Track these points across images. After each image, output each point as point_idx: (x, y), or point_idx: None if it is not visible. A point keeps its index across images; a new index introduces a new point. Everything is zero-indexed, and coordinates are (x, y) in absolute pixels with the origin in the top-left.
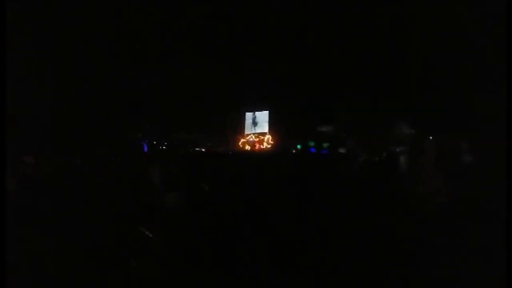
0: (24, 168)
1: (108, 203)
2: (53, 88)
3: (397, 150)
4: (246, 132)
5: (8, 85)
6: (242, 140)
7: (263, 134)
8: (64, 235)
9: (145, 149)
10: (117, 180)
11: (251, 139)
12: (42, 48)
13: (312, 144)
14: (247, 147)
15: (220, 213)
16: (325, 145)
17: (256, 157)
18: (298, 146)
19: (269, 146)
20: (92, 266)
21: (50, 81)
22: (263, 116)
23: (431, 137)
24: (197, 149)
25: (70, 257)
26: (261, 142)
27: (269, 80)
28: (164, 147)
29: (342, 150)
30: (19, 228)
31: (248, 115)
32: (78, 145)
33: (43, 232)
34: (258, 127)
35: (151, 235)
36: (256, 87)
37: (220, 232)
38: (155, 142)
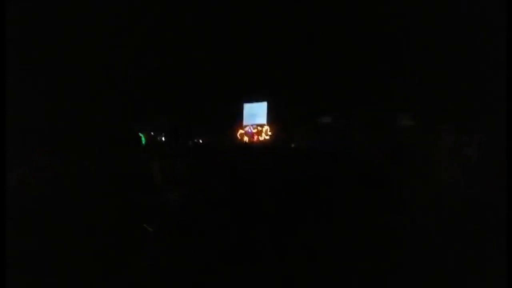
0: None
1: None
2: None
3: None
4: (244, 123)
5: (8, 85)
6: (241, 131)
7: (262, 125)
8: (63, 234)
9: (143, 141)
10: (113, 179)
11: (249, 131)
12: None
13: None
14: (245, 139)
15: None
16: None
17: (257, 149)
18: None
19: (267, 137)
20: (93, 267)
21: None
22: (261, 107)
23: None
24: (197, 141)
25: (70, 257)
26: (259, 133)
27: (269, 70)
28: (162, 138)
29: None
30: (19, 228)
31: (247, 106)
32: (70, 141)
33: (44, 232)
34: (256, 118)
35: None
36: (255, 78)
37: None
38: (152, 133)
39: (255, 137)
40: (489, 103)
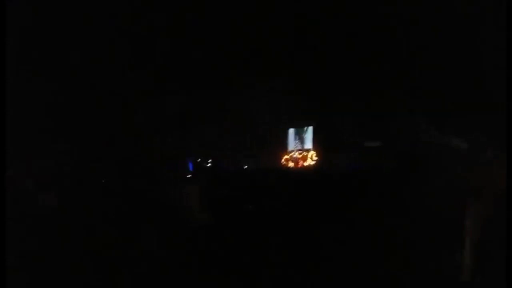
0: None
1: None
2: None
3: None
4: (290, 148)
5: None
6: (286, 157)
7: (307, 150)
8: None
9: (191, 167)
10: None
11: (294, 156)
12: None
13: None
14: (291, 164)
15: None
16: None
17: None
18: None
19: (313, 162)
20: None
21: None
22: (307, 132)
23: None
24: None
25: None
26: (304, 158)
27: (312, 94)
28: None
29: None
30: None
31: (291, 131)
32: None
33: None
34: (302, 143)
35: None
36: (299, 102)
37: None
38: (199, 160)
39: (300, 163)
40: None
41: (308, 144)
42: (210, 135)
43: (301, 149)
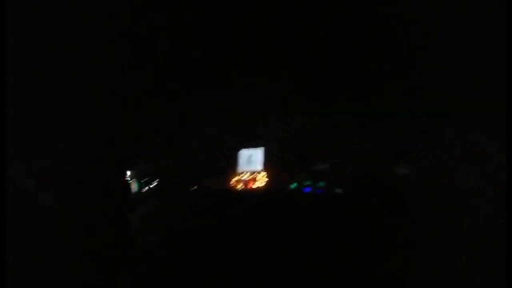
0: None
1: None
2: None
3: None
4: (240, 170)
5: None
6: (235, 178)
7: (257, 172)
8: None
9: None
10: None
11: (244, 178)
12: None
13: (307, 183)
14: (240, 186)
15: None
16: (321, 184)
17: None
18: (292, 186)
19: (263, 184)
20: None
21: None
22: (258, 154)
23: None
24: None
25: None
26: (254, 180)
27: (265, 117)
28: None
29: (338, 190)
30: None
31: (243, 152)
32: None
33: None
34: (252, 164)
35: None
36: (252, 124)
37: None
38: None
39: (250, 184)
40: None
41: (259, 166)
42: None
43: (252, 171)
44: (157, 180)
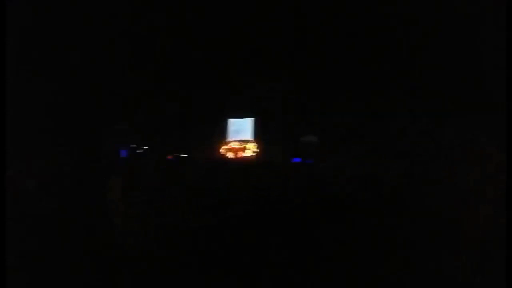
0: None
1: None
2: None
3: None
4: (229, 139)
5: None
6: (224, 147)
7: (246, 141)
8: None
9: (123, 154)
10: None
11: (233, 146)
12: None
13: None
14: (230, 155)
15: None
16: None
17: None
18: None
19: (254, 154)
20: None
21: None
22: (247, 124)
23: None
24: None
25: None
26: (243, 149)
27: (255, 86)
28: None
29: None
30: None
31: (231, 122)
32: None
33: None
34: (241, 134)
35: None
36: (242, 94)
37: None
38: (133, 146)
39: (240, 154)
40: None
41: (248, 135)
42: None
43: (240, 140)
44: (144, 147)
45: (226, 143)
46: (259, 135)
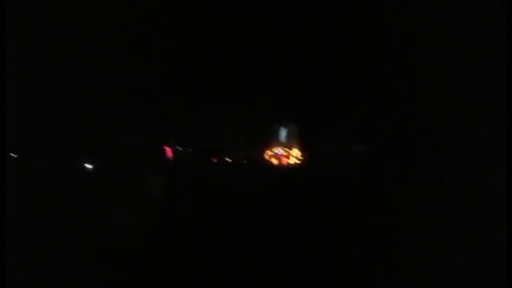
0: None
1: None
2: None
3: None
4: (273, 144)
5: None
6: (269, 152)
7: (290, 147)
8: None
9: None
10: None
11: (278, 153)
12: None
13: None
14: (274, 161)
15: None
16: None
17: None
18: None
19: (298, 162)
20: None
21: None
22: (292, 130)
23: None
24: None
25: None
26: (288, 156)
27: (299, 93)
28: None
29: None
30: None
31: (277, 128)
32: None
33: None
34: (286, 140)
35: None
36: (284, 99)
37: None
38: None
39: (284, 160)
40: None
41: (291, 141)
42: (196, 126)
43: (284, 146)
44: (191, 149)
45: (271, 149)
46: (304, 142)
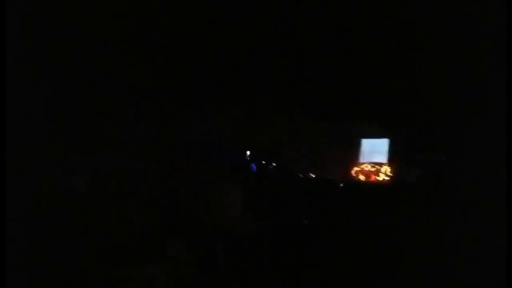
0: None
1: None
2: None
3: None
4: (361, 160)
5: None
6: (356, 168)
7: (380, 164)
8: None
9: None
10: None
11: (366, 169)
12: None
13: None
14: (361, 177)
15: None
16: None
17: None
18: None
19: (387, 178)
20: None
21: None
22: (381, 145)
23: None
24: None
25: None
26: (377, 173)
27: (391, 105)
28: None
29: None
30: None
31: (365, 142)
32: None
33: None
34: (375, 156)
35: None
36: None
37: None
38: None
39: (372, 177)
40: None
41: (382, 158)
42: (271, 133)
43: (374, 163)
44: (273, 164)
45: (359, 165)
46: (394, 157)
